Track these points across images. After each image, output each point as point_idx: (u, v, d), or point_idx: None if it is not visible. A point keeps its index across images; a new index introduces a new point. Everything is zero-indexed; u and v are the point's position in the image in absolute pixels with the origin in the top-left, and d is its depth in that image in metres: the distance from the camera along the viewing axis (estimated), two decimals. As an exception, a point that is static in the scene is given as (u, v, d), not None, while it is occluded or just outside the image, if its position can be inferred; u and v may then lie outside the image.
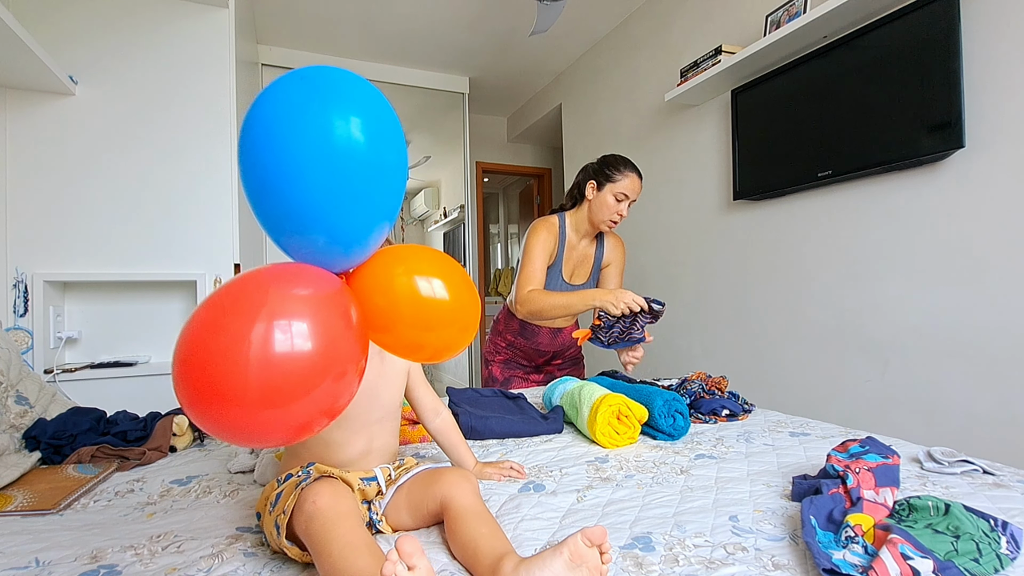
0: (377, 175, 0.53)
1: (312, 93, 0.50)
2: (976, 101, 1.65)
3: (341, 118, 0.50)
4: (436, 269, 0.65)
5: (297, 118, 0.49)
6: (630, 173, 1.75)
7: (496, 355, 2.03)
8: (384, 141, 0.54)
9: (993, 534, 0.64)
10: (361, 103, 0.52)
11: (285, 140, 0.49)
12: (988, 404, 1.66)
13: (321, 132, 0.49)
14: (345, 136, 0.50)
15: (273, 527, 0.72)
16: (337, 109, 0.50)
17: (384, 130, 0.54)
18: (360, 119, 0.51)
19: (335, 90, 0.51)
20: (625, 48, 3.39)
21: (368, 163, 0.52)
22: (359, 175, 0.51)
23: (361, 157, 0.51)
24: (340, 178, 0.50)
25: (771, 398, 2.34)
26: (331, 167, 0.49)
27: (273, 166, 0.50)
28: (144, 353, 2.20)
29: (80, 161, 2.05)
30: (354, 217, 0.54)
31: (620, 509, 0.88)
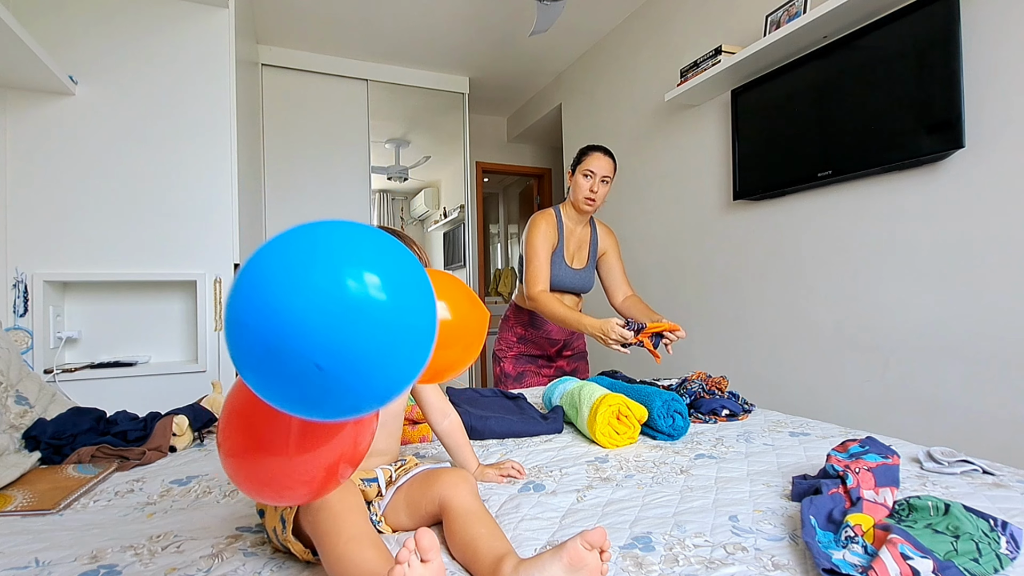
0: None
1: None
2: (976, 101, 1.65)
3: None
4: (438, 290, 0.62)
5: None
6: (593, 152, 1.90)
7: (508, 351, 2.07)
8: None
9: (993, 534, 0.64)
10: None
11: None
12: (988, 404, 1.66)
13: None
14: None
15: (278, 522, 0.72)
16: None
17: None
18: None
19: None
20: (625, 48, 3.39)
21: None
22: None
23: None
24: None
25: (771, 398, 2.34)
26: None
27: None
28: (144, 353, 2.20)
29: (80, 161, 2.05)
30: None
31: (620, 509, 0.88)
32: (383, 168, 4.53)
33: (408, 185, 5.02)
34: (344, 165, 3.79)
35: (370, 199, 3.89)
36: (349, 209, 3.77)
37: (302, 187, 3.66)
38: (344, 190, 3.78)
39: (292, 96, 3.68)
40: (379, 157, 4.38)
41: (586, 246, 2.03)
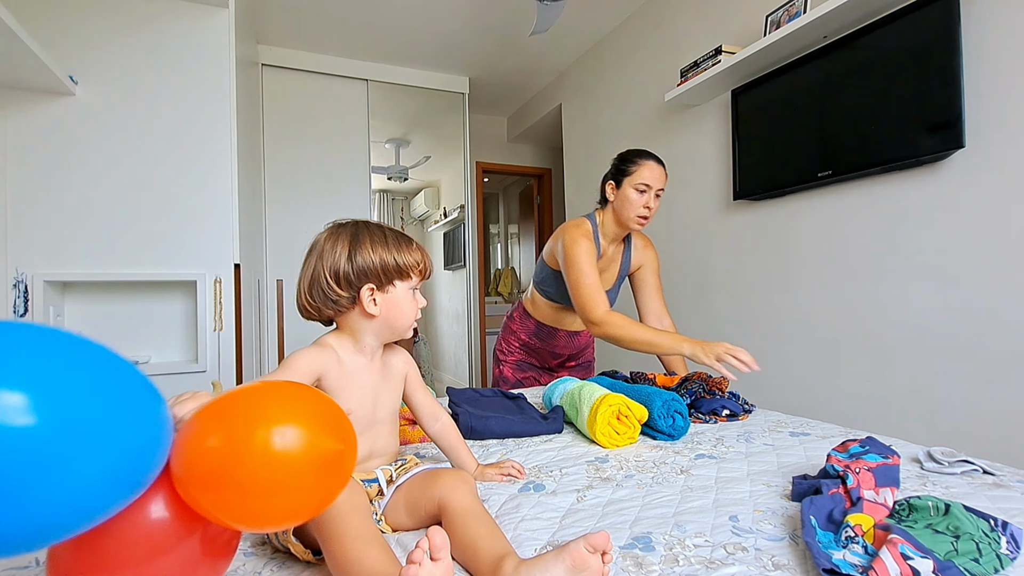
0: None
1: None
2: (976, 101, 1.65)
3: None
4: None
5: None
6: (646, 160, 1.66)
7: (509, 355, 2.00)
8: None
9: (993, 534, 0.64)
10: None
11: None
12: (988, 404, 1.66)
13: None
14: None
15: None
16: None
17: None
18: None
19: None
20: (625, 48, 3.39)
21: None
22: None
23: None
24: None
25: (770, 398, 2.35)
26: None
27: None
28: (144, 353, 2.20)
29: (80, 161, 2.05)
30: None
31: (620, 509, 0.87)
32: (383, 168, 4.54)
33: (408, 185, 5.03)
34: (344, 165, 3.79)
35: (370, 199, 3.90)
36: (349, 209, 3.77)
37: (302, 187, 3.67)
38: (344, 190, 3.79)
39: (292, 96, 3.68)
40: (379, 157, 4.39)
41: (617, 264, 1.82)
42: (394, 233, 0.90)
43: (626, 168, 1.69)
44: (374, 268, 0.85)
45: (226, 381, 2.18)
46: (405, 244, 0.89)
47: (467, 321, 4.39)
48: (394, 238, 0.89)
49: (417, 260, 0.89)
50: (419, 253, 0.90)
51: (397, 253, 0.87)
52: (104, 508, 0.37)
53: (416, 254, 0.89)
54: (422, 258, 0.90)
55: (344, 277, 0.85)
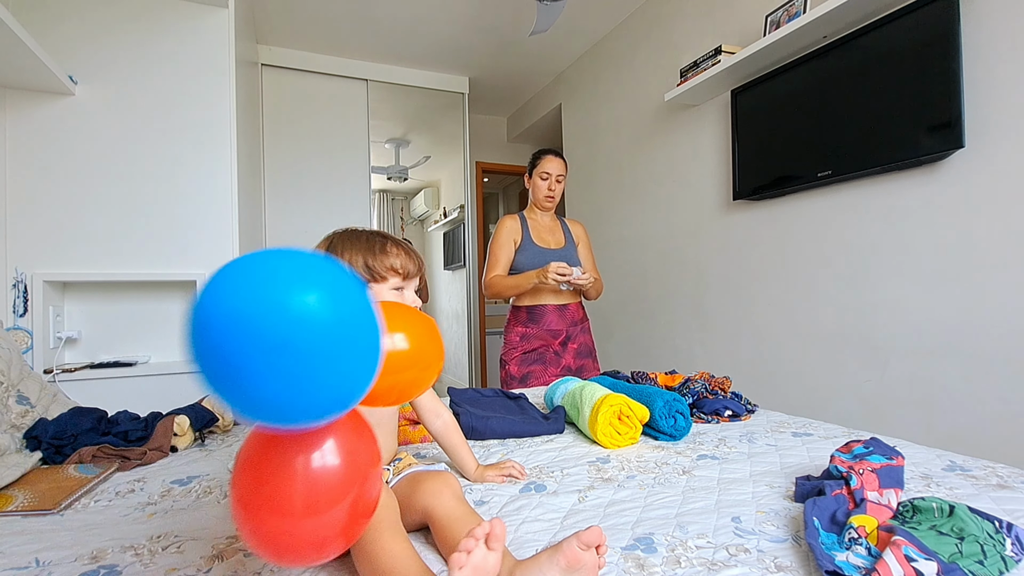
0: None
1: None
2: (976, 101, 1.65)
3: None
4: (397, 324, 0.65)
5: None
6: (545, 155, 2.10)
7: (512, 352, 2.08)
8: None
9: (998, 536, 0.64)
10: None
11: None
12: (988, 404, 1.66)
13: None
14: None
15: None
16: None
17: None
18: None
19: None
20: (625, 48, 3.39)
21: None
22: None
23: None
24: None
25: (770, 398, 2.34)
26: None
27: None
28: (144, 353, 2.19)
29: (80, 161, 2.05)
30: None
31: (622, 510, 0.87)
32: (383, 168, 4.53)
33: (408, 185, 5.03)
34: (344, 165, 3.79)
35: (370, 199, 3.89)
36: (349, 209, 3.77)
37: (302, 187, 3.66)
38: (344, 190, 3.78)
39: (292, 96, 3.68)
40: (379, 157, 4.38)
41: (558, 230, 2.18)
42: (373, 237, 0.88)
43: (534, 163, 2.13)
44: (361, 269, 0.86)
45: (226, 381, 2.18)
46: (381, 247, 0.87)
47: (467, 321, 4.39)
48: (369, 241, 0.87)
49: (392, 263, 0.86)
50: (399, 255, 0.87)
51: (369, 256, 0.85)
52: (361, 391, 0.46)
53: (393, 257, 0.87)
54: (401, 259, 0.87)
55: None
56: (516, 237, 2.09)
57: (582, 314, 2.16)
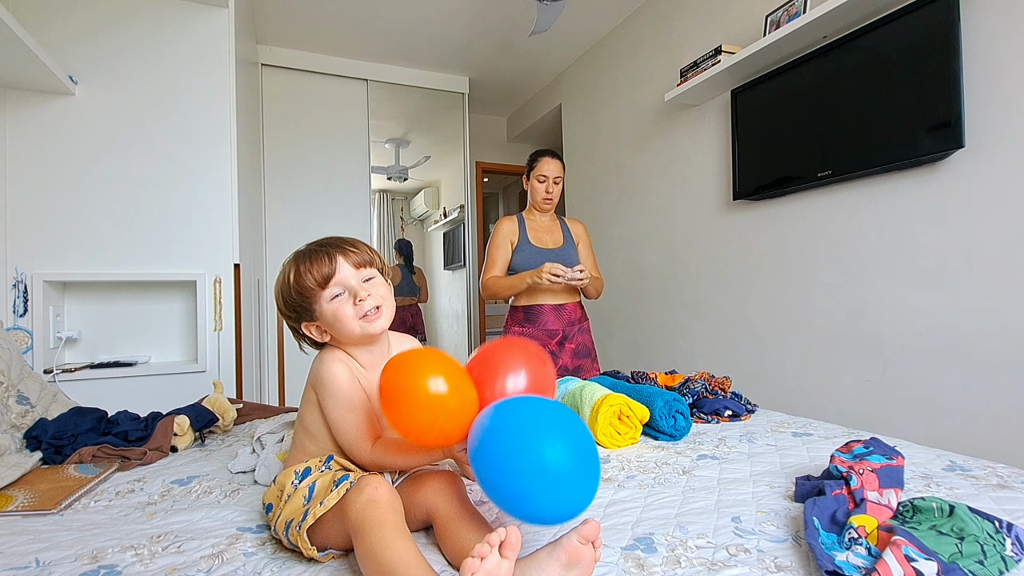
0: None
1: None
2: (976, 101, 1.65)
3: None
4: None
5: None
6: (542, 157, 2.09)
7: None
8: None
9: (998, 536, 0.64)
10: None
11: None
12: (988, 404, 1.66)
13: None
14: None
15: (299, 515, 0.72)
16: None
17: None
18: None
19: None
20: (625, 48, 3.39)
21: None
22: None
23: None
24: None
25: (770, 398, 2.34)
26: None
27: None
28: (144, 353, 2.19)
29: (80, 161, 2.05)
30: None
31: (622, 510, 0.87)
32: (383, 168, 4.53)
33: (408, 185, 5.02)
34: (344, 165, 3.79)
35: (370, 199, 3.89)
36: (349, 209, 3.77)
37: (302, 187, 3.66)
38: (344, 190, 3.78)
39: (292, 96, 3.68)
40: (379, 157, 4.38)
41: (557, 231, 2.17)
42: (300, 256, 0.85)
43: (531, 165, 2.12)
44: (290, 311, 0.86)
45: (226, 381, 2.18)
46: (304, 266, 0.83)
47: (467, 321, 4.39)
48: (296, 264, 0.84)
49: (314, 279, 0.82)
50: (311, 264, 0.83)
51: (294, 284, 0.83)
52: (584, 507, 0.64)
53: (314, 271, 0.82)
54: (311, 268, 0.83)
55: (288, 326, 0.89)
56: (513, 238, 2.10)
57: (580, 314, 2.15)
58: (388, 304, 0.87)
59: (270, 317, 3.48)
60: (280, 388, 3.47)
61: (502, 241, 2.09)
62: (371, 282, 0.87)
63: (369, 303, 0.84)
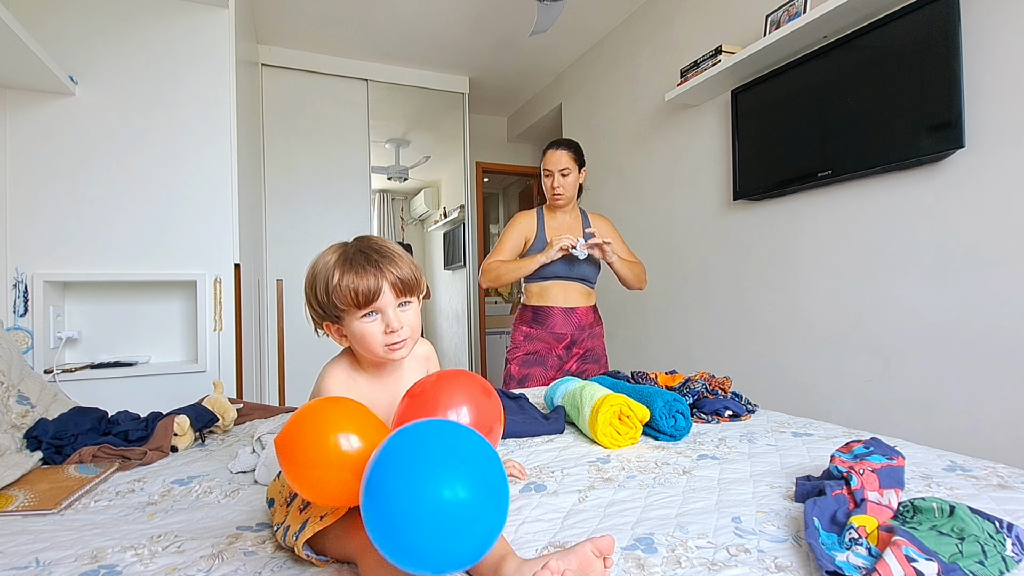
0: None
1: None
2: (976, 101, 1.65)
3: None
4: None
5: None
6: (547, 150, 2.00)
7: (515, 351, 2.05)
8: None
9: (998, 536, 0.64)
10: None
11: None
12: (988, 404, 1.66)
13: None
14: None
15: (297, 524, 0.72)
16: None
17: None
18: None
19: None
20: (625, 48, 3.39)
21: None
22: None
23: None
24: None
25: (770, 398, 2.34)
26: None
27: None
28: (144, 353, 2.19)
29: (80, 161, 2.05)
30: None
31: (622, 510, 0.87)
32: (383, 168, 4.53)
33: (408, 185, 5.02)
34: (344, 165, 3.79)
35: (370, 199, 3.89)
36: (349, 209, 3.77)
37: (302, 187, 3.66)
38: (344, 190, 3.78)
39: (292, 96, 3.68)
40: (379, 157, 4.38)
41: (577, 229, 2.07)
42: (342, 262, 0.80)
43: (541, 159, 2.03)
44: (317, 308, 0.82)
45: (226, 381, 2.18)
46: (347, 278, 0.78)
47: (467, 321, 4.39)
48: (334, 271, 0.79)
49: (347, 297, 0.78)
50: (354, 283, 0.78)
51: (326, 292, 0.79)
52: (487, 547, 0.56)
53: (357, 290, 0.78)
54: (355, 289, 0.78)
55: (308, 313, 0.85)
56: (529, 235, 2.02)
57: (592, 318, 2.07)
58: (415, 335, 0.85)
59: (270, 317, 3.48)
60: (280, 388, 3.47)
61: (516, 234, 2.01)
62: (407, 309, 0.84)
63: (399, 335, 0.81)
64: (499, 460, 0.59)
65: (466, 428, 0.61)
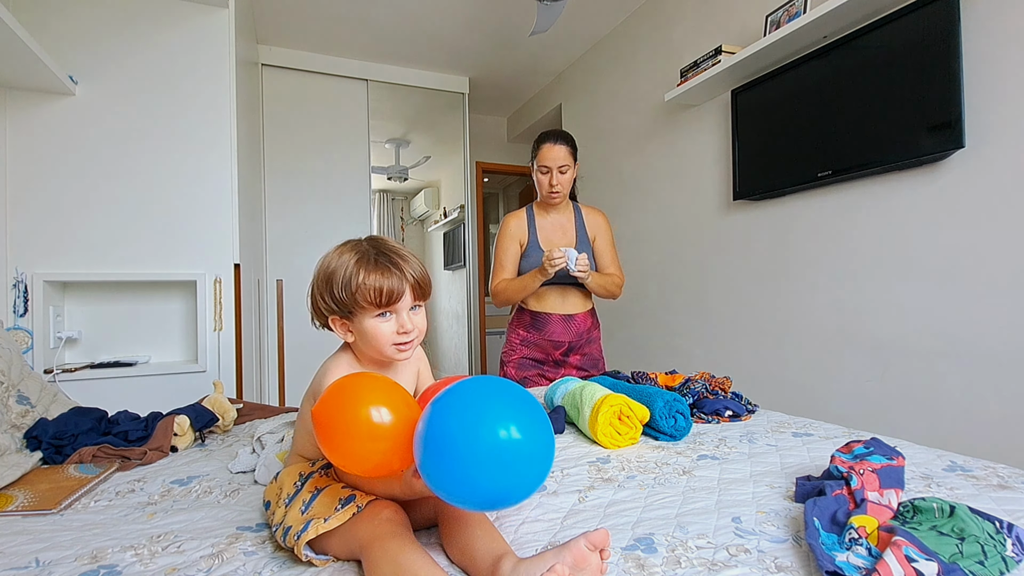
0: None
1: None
2: (976, 101, 1.65)
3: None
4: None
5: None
6: (544, 144, 1.84)
7: (512, 354, 2.00)
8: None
9: (999, 536, 0.64)
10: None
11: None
12: (988, 404, 1.66)
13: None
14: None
15: (300, 527, 0.72)
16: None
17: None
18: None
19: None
20: (625, 48, 3.39)
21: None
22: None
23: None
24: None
25: (770, 398, 2.34)
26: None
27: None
28: (144, 353, 2.19)
29: (80, 161, 2.05)
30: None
31: (622, 510, 0.87)
32: (383, 168, 4.53)
33: (408, 185, 5.03)
34: (344, 165, 3.79)
35: (370, 199, 3.89)
36: (349, 209, 3.77)
37: (302, 187, 3.66)
38: (344, 190, 3.78)
39: (292, 96, 3.68)
40: (379, 157, 4.39)
41: (570, 228, 1.97)
42: (365, 261, 0.81)
43: (534, 152, 1.88)
44: (330, 302, 0.82)
45: (226, 381, 2.18)
46: (371, 277, 0.80)
47: (467, 321, 4.39)
48: (357, 269, 0.80)
49: (370, 296, 0.79)
50: (379, 283, 0.79)
51: (347, 288, 0.80)
52: (539, 484, 0.63)
53: (374, 288, 0.79)
54: (379, 288, 0.79)
55: (314, 306, 0.85)
56: (521, 237, 1.94)
57: (590, 323, 2.02)
58: (421, 337, 0.87)
59: (270, 317, 3.48)
60: (280, 388, 3.47)
61: (509, 242, 1.93)
62: (417, 312, 0.86)
63: (409, 337, 0.84)
64: (543, 410, 0.65)
65: (511, 383, 0.66)
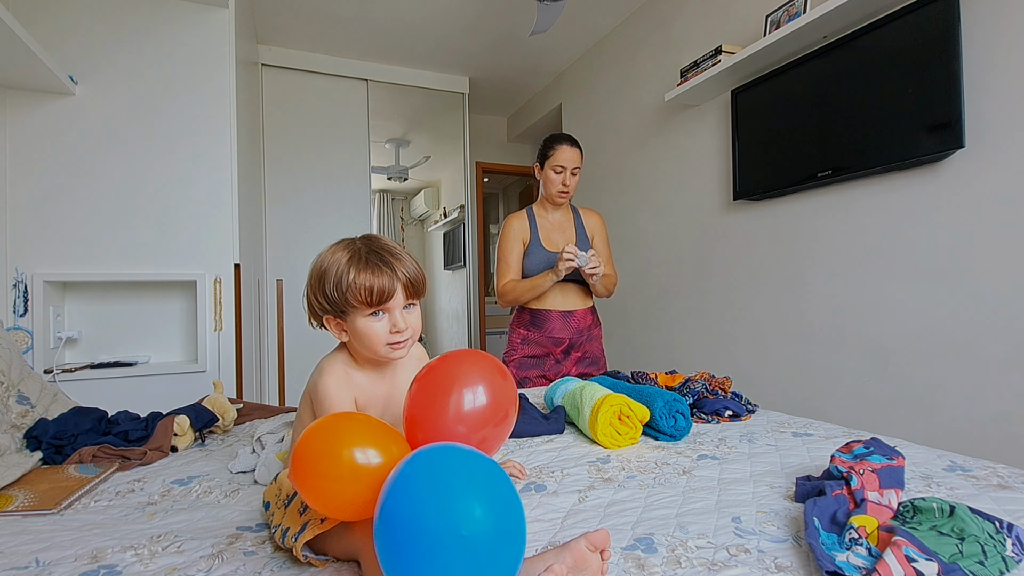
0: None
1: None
2: (976, 101, 1.65)
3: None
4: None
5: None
6: (560, 145, 1.93)
7: (512, 354, 2.02)
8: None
9: (999, 536, 0.64)
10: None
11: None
12: (988, 404, 1.66)
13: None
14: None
15: (297, 526, 0.72)
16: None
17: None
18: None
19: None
20: (625, 48, 3.39)
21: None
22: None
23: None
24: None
25: (770, 398, 2.34)
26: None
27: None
28: (144, 353, 2.19)
29: (80, 161, 2.05)
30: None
31: (622, 510, 0.87)
32: (383, 168, 4.53)
33: (408, 185, 5.03)
34: (344, 165, 3.79)
35: (370, 199, 3.89)
36: (349, 209, 3.77)
37: (302, 187, 3.66)
38: (344, 190, 3.78)
39: (292, 96, 3.68)
40: (379, 157, 4.39)
41: (569, 227, 2.04)
42: (356, 260, 0.80)
43: (546, 152, 1.96)
44: (323, 302, 0.82)
45: (226, 381, 2.18)
46: (362, 276, 0.79)
47: (467, 321, 4.39)
48: (348, 268, 0.80)
49: (361, 295, 0.79)
50: (370, 282, 0.79)
51: (339, 287, 0.79)
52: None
53: (364, 287, 0.79)
54: (370, 287, 0.79)
55: (309, 305, 0.85)
56: (524, 237, 1.98)
57: (591, 320, 2.05)
58: (415, 336, 0.87)
59: (270, 317, 3.48)
60: (280, 388, 3.47)
61: (512, 243, 1.97)
62: (411, 311, 0.85)
63: (403, 336, 0.83)
64: (515, 491, 0.56)
65: (482, 456, 0.58)
